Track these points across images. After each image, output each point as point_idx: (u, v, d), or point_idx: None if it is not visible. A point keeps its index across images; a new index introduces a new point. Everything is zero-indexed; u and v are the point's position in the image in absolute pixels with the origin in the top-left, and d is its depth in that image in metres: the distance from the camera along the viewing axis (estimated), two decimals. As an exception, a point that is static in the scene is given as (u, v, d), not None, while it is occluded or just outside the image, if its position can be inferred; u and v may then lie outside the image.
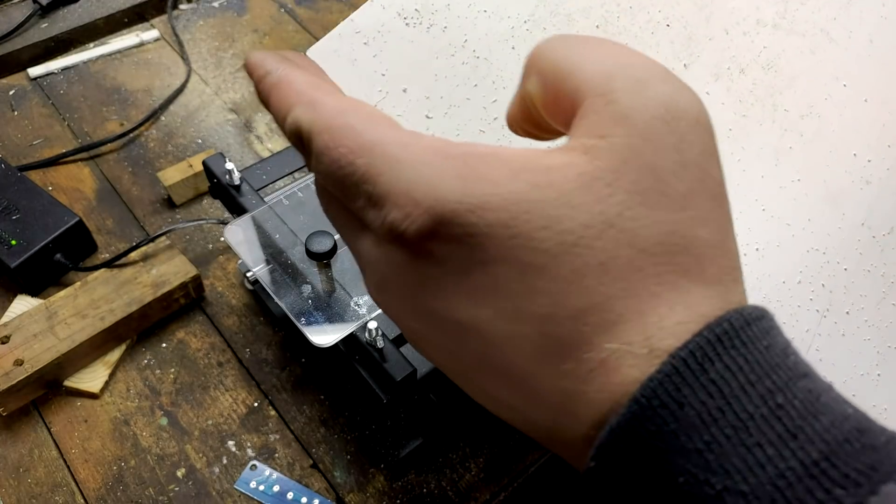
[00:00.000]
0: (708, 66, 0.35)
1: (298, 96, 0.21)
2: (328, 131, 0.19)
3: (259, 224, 0.45)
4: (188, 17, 0.80)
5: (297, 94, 0.21)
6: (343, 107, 0.20)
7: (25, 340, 0.49)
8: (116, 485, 0.47)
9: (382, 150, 0.18)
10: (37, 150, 0.66)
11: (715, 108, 0.34)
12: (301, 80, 0.22)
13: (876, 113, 0.35)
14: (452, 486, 0.47)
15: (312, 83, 0.21)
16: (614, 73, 0.18)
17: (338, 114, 0.19)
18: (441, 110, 0.35)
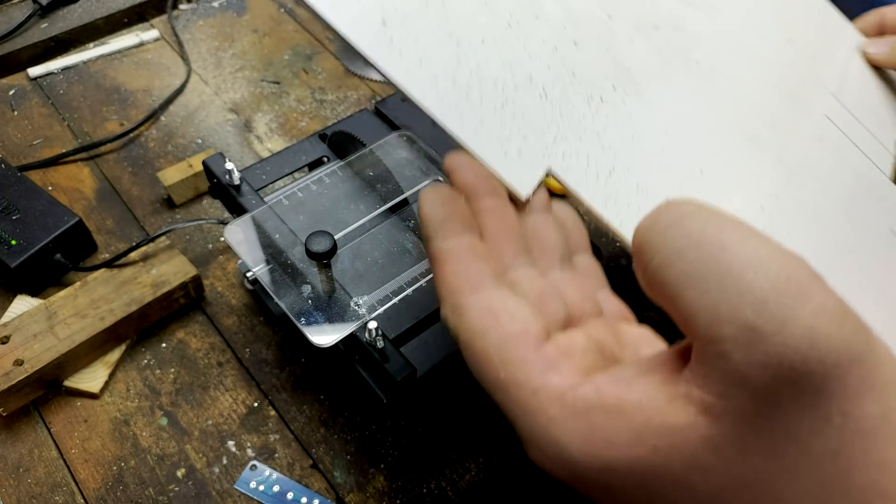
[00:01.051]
0: (628, 18, 0.37)
1: (448, 292, 0.23)
2: (469, 350, 0.22)
3: (259, 224, 0.45)
4: (188, 17, 0.80)
5: (447, 288, 0.23)
6: (484, 324, 0.21)
7: (25, 340, 0.49)
8: (116, 485, 0.47)
9: (516, 394, 0.20)
10: (36, 150, 0.66)
11: (639, 56, 0.36)
12: (455, 270, 0.23)
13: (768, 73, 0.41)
14: (452, 486, 0.47)
15: (465, 276, 0.22)
16: (721, 314, 0.16)
17: (478, 334, 0.21)
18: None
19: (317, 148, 0.53)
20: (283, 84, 0.73)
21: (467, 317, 0.22)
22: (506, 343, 0.21)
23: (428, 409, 0.49)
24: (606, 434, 0.18)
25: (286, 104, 0.71)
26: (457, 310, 0.22)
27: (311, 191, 0.48)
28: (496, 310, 0.21)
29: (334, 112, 0.71)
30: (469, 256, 0.23)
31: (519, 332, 0.21)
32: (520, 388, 0.20)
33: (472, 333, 0.21)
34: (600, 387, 0.19)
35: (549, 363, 0.20)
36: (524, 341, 0.21)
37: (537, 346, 0.21)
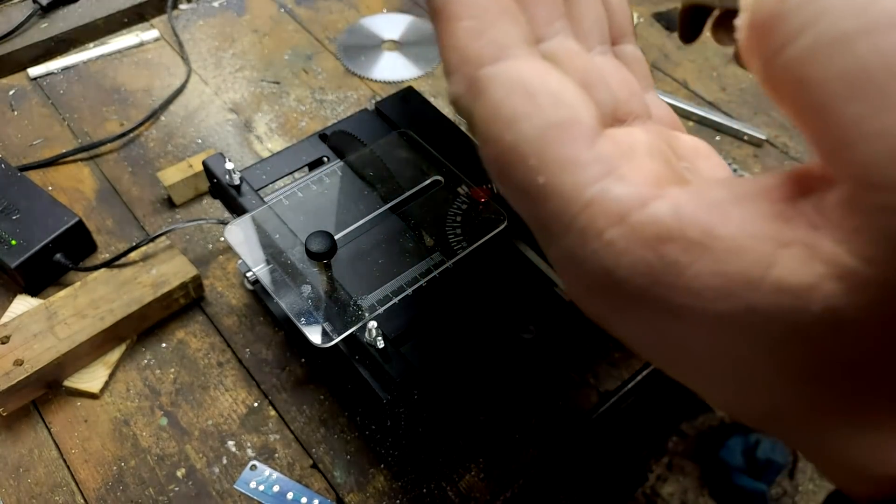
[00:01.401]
0: None
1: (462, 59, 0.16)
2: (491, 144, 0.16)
3: (259, 224, 0.45)
4: (188, 17, 0.80)
5: (459, 54, 0.16)
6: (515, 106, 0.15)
7: (25, 340, 0.49)
8: (116, 485, 0.47)
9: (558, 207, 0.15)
10: (37, 150, 0.66)
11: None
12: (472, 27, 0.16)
13: None
14: (452, 486, 0.47)
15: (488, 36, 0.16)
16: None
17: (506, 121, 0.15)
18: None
19: (317, 148, 0.53)
20: (283, 84, 0.73)
21: (490, 95, 0.15)
22: (548, 134, 0.15)
23: (428, 409, 0.49)
24: (682, 275, 0.13)
25: (286, 104, 0.71)
26: (474, 85, 0.16)
27: (311, 191, 0.48)
28: (533, 86, 0.15)
29: (334, 112, 0.71)
30: (491, 9, 0.16)
31: (566, 120, 0.15)
32: (565, 198, 0.14)
33: (497, 120, 0.15)
34: (681, 208, 0.14)
35: (609, 166, 0.14)
36: (574, 133, 0.15)
37: (591, 141, 0.15)
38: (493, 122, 0.15)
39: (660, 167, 0.15)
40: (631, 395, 0.52)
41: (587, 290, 0.15)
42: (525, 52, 0.16)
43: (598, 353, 0.54)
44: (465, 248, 0.45)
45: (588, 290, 0.15)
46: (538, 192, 0.15)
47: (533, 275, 0.45)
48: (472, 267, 0.46)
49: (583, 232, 0.14)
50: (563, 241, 0.15)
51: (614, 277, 0.14)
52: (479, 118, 0.16)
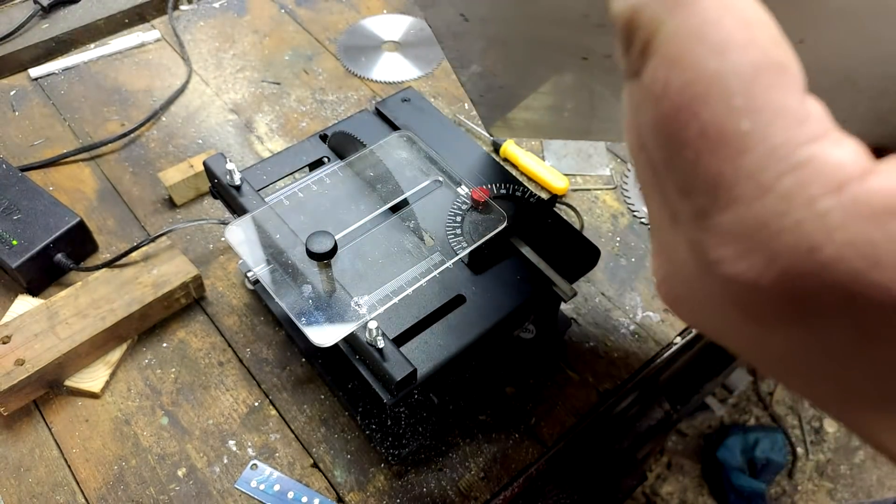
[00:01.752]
0: None
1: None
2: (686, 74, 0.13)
3: (259, 224, 0.45)
4: (189, 18, 0.80)
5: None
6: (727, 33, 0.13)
7: (26, 340, 0.49)
8: (117, 484, 0.47)
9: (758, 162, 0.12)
10: (38, 151, 0.66)
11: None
12: None
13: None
14: (452, 485, 0.47)
15: None
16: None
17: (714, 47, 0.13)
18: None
19: (317, 148, 0.53)
20: (283, 85, 0.73)
21: (699, 10, 0.13)
22: (763, 75, 0.12)
23: (428, 408, 0.49)
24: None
25: (287, 105, 0.71)
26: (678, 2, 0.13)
27: (311, 191, 0.48)
28: (752, 14, 0.13)
29: (335, 112, 0.71)
30: None
31: (786, 64, 0.13)
32: (772, 154, 0.12)
33: (702, 42, 0.13)
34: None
35: (825, 126, 0.12)
36: (793, 81, 0.13)
37: (804, 95, 0.13)
38: (695, 43, 0.13)
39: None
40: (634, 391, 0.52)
41: (766, 269, 0.13)
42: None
43: (598, 353, 0.54)
44: (465, 248, 0.45)
45: (768, 270, 0.12)
46: (735, 141, 0.13)
47: (533, 275, 0.46)
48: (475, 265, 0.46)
49: (787, 196, 0.12)
50: (754, 206, 0.12)
51: (821, 257, 0.12)
52: (672, 34, 0.13)
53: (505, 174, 0.51)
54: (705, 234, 0.13)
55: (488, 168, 0.51)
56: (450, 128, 0.54)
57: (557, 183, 0.64)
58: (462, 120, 0.70)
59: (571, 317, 0.56)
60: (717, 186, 0.13)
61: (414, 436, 0.48)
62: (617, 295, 0.58)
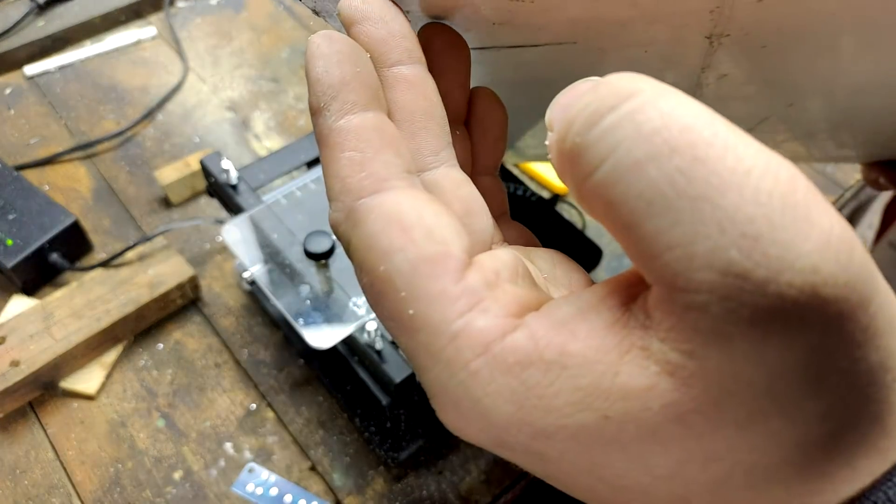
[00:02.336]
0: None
1: (342, 189, 0.17)
2: (365, 274, 0.16)
3: (257, 223, 0.45)
4: (185, 15, 0.80)
5: (339, 184, 0.17)
6: (389, 240, 0.16)
7: (21, 341, 0.49)
8: (113, 487, 0.46)
9: (427, 339, 0.15)
10: (33, 149, 0.66)
11: None
12: (353, 158, 0.17)
13: None
14: (453, 488, 0.47)
15: (368, 167, 0.16)
16: (697, 255, 0.12)
17: (380, 253, 0.16)
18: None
19: (315, 146, 0.52)
20: (281, 82, 0.73)
21: (366, 227, 0.16)
22: (418, 269, 0.15)
23: (428, 410, 0.48)
24: (544, 396, 0.14)
25: (284, 102, 0.71)
26: (353, 215, 0.16)
27: (309, 190, 0.48)
28: (407, 220, 0.16)
29: (333, 110, 0.70)
30: (375, 140, 0.17)
31: (436, 256, 0.15)
32: (433, 331, 0.15)
33: (372, 251, 0.16)
34: (536, 333, 0.15)
35: (473, 299, 0.15)
36: (443, 268, 0.15)
37: (458, 275, 0.15)
38: (369, 253, 0.16)
39: (521, 290, 0.16)
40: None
41: (460, 419, 0.16)
42: (405, 183, 0.17)
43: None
44: (464, 247, 0.45)
45: (461, 419, 0.15)
46: (408, 324, 0.15)
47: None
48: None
49: (450, 363, 0.15)
50: (433, 372, 0.15)
51: (482, 406, 0.15)
52: (355, 247, 0.16)
53: (507, 173, 0.50)
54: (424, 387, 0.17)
55: (488, 166, 0.51)
56: (449, 126, 0.53)
57: (559, 182, 0.63)
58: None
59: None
60: (411, 357, 0.16)
61: (413, 438, 0.48)
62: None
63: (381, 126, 0.17)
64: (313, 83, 0.17)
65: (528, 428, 0.14)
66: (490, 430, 0.15)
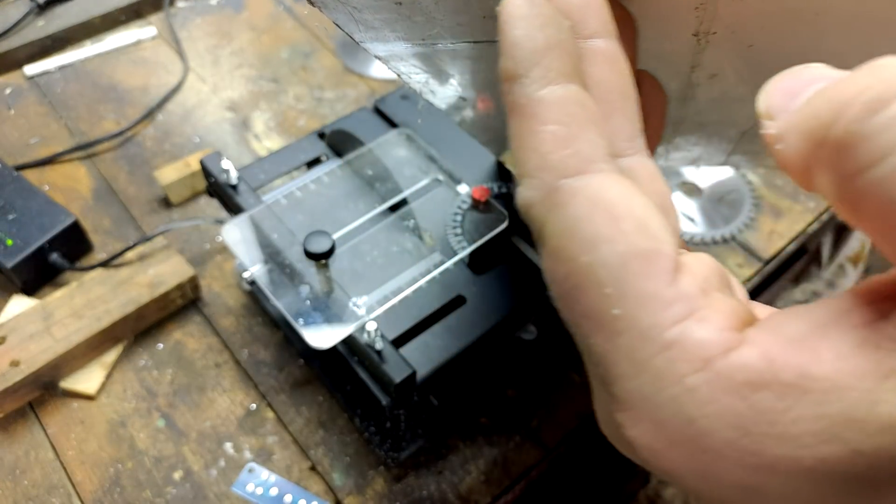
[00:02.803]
0: None
1: (542, 164, 0.15)
2: (562, 263, 0.15)
3: (257, 224, 0.45)
4: (185, 15, 0.80)
5: (538, 158, 0.15)
6: (597, 227, 0.14)
7: (21, 341, 0.49)
8: (113, 487, 0.46)
9: (632, 344, 0.14)
10: (33, 149, 0.66)
11: None
12: (557, 133, 0.15)
13: None
14: (453, 488, 0.47)
15: (573, 144, 0.15)
16: None
17: (585, 242, 0.14)
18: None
19: (315, 146, 0.52)
20: (281, 82, 0.73)
21: (570, 210, 0.14)
22: (628, 265, 0.14)
23: (428, 410, 0.48)
24: (777, 422, 0.12)
25: (284, 102, 0.71)
26: (553, 195, 0.15)
27: (309, 190, 0.48)
28: (618, 208, 0.14)
29: (333, 110, 0.70)
30: (580, 116, 0.15)
31: (649, 252, 0.14)
32: (642, 336, 0.13)
33: (574, 238, 0.14)
34: (769, 352, 0.13)
35: (689, 306, 0.14)
36: (656, 267, 0.14)
37: (672, 276, 0.14)
38: (570, 240, 0.14)
39: (733, 301, 0.15)
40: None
41: (659, 438, 0.14)
42: (610, 167, 0.15)
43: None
44: (465, 247, 0.45)
45: (660, 438, 0.14)
46: (610, 324, 0.14)
47: (535, 275, 0.45)
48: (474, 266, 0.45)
49: (660, 374, 0.14)
50: (634, 382, 0.14)
51: (696, 428, 0.13)
52: (552, 231, 0.15)
53: (506, 173, 0.50)
54: (608, 398, 0.15)
55: (489, 167, 0.51)
56: (450, 126, 0.53)
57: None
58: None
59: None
60: (605, 362, 0.15)
61: (413, 438, 0.48)
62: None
63: (584, 101, 0.16)
64: (511, 46, 0.15)
65: (751, 458, 0.13)
66: (698, 457, 0.13)
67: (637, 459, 0.15)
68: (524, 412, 0.50)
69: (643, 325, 0.14)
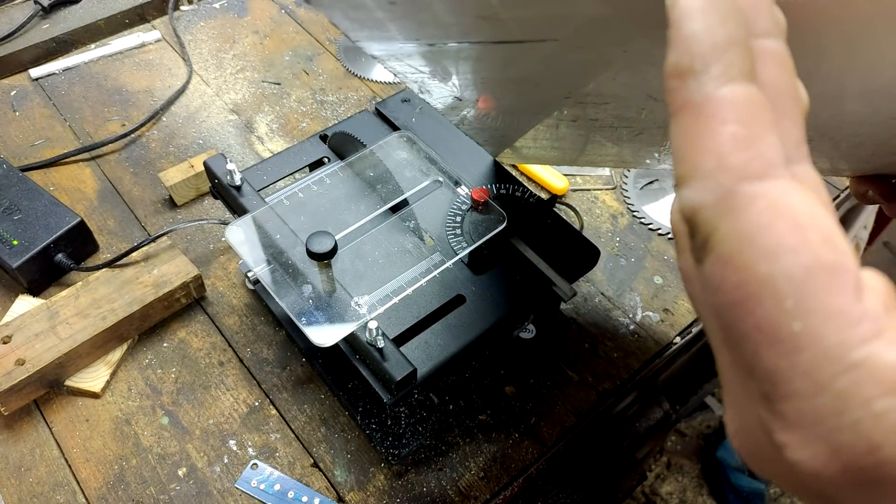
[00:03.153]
0: None
1: (719, 165, 0.14)
2: (737, 272, 0.14)
3: (260, 224, 0.45)
4: (189, 18, 0.80)
5: (715, 159, 0.14)
6: (780, 236, 0.13)
7: (27, 340, 0.49)
8: (118, 484, 0.47)
9: (812, 362, 0.13)
10: (38, 151, 0.66)
11: None
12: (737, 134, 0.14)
13: None
14: (452, 485, 0.47)
15: (754, 148, 0.14)
16: None
17: (765, 251, 0.13)
18: None
19: (317, 148, 0.53)
20: (283, 85, 0.73)
21: (751, 216, 0.13)
22: (814, 278, 0.13)
23: (429, 408, 0.49)
24: None
25: (287, 105, 0.71)
26: (731, 199, 0.14)
27: (311, 191, 0.49)
28: (804, 217, 0.13)
29: (335, 113, 0.71)
30: (763, 118, 0.14)
31: (836, 266, 0.13)
32: (824, 355, 0.13)
33: (753, 245, 0.13)
34: None
35: (876, 326, 0.13)
36: (843, 282, 0.13)
37: (857, 293, 0.13)
38: (748, 247, 0.14)
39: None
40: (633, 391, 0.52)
41: (831, 462, 0.13)
42: (790, 174, 0.14)
43: (598, 353, 0.54)
44: (465, 248, 0.45)
45: (832, 462, 0.13)
46: (788, 339, 0.13)
47: (533, 275, 0.46)
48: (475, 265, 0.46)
49: (843, 396, 0.13)
50: (812, 402, 0.13)
51: (879, 456, 0.12)
52: (724, 237, 0.14)
53: (505, 174, 0.51)
54: (770, 416, 0.14)
55: (488, 168, 0.52)
56: (449, 128, 0.54)
57: (557, 183, 0.64)
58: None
59: (571, 317, 0.56)
60: (776, 378, 0.14)
61: (414, 435, 0.48)
62: (616, 295, 0.58)
63: (764, 102, 0.15)
64: (687, 39, 0.14)
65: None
66: (877, 487, 0.13)
67: (789, 483, 0.14)
68: (523, 410, 0.51)
69: (828, 343, 0.13)
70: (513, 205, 0.49)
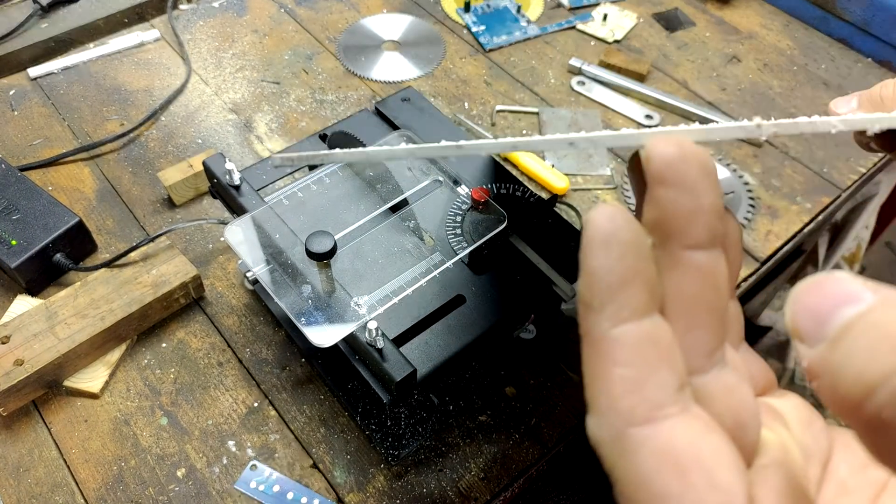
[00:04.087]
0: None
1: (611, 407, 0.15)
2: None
3: (259, 224, 0.45)
4: (188, 18, 0.80)
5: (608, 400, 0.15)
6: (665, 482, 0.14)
7: (25, 340, 0.49)
8: (116, 484, 0.47)
9: None
10: (37, 150, 0.66)
11: None
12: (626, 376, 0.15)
13: None
14: (452, 486, 0.47)
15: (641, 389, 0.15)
16: None
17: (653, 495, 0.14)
18: None
19: (317, 148, 0.53)
20: (283, 84, 0.73)
21: (637, 461, 0.14)
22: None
23: (428, 408, 0.49)
24: None
25: (286, 104, 0.71)
26: (621, 442, 0.15)
27: (311, 191, 0.48)
28: (685, 460, 0.14)
29: (334, 112, 0.71)
30: (650, 356, 0.15)
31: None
32: None
33: (642, 491, 0.14)
34: None
35: None
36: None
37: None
38: (639, 492, 0.14)
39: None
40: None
41: None
42: (679, 408, 0.15)
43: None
44: (465, 247, 0.45)
45: None
46: None
47: (533, 274, 0.45)
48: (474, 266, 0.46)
49: None
50: None
51: None
52: (621, 478, 0.15)
53: (505, 174, 0.51)
54: None
55: (488, 168, 0.51)
56: (449, 127, 0.54)
57: (558, 183, 0.64)
58: (462, 119, 0.70)
59: (572, 317, 0.56)
60: None
61: (414, 436, 0.48)
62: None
63: (657, 336, 0.15)
64: (590, 275, 0.15)
65: None
66: None
67: None
68: (523, 410, 0.51)
69: None
70: (513, 204, 0.49)
